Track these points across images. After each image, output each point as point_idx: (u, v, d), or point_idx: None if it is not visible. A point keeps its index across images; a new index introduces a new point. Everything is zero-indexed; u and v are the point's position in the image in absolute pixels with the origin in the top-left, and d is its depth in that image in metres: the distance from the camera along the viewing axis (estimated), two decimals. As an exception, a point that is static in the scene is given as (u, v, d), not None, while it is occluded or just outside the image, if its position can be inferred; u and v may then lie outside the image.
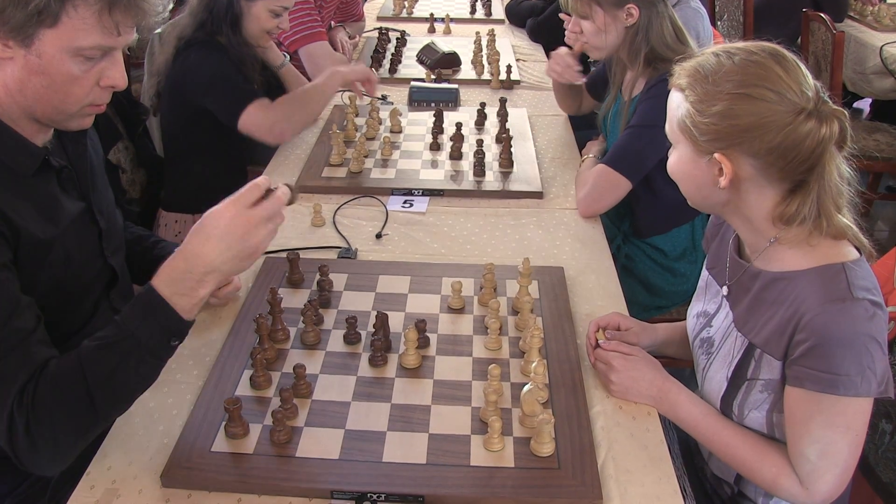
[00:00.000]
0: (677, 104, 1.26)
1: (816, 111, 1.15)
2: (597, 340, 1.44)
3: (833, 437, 1.18)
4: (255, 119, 2.16)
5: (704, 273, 1.50)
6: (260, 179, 1.22)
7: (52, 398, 1.14)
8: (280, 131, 2.17)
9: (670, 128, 1.29)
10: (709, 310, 1.45)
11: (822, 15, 3.61)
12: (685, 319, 2.31)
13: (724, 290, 1.38)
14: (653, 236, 2.23)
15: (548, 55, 3.39)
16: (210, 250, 1.16)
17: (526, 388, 1.31)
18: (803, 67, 1.19)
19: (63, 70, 1.21)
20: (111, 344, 1.15)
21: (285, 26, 2.33)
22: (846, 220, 1.23)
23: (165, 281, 1.17)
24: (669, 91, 1.30)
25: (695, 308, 1.51)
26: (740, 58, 1.19)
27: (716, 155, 1.20)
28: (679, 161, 1.29)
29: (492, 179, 2.18)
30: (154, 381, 1.21)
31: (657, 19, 2.00)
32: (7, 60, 1.21)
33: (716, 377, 1.36)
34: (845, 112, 1.18)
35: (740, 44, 1.23)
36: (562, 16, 2.31)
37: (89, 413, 1.15)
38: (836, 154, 1.19)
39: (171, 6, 2.53)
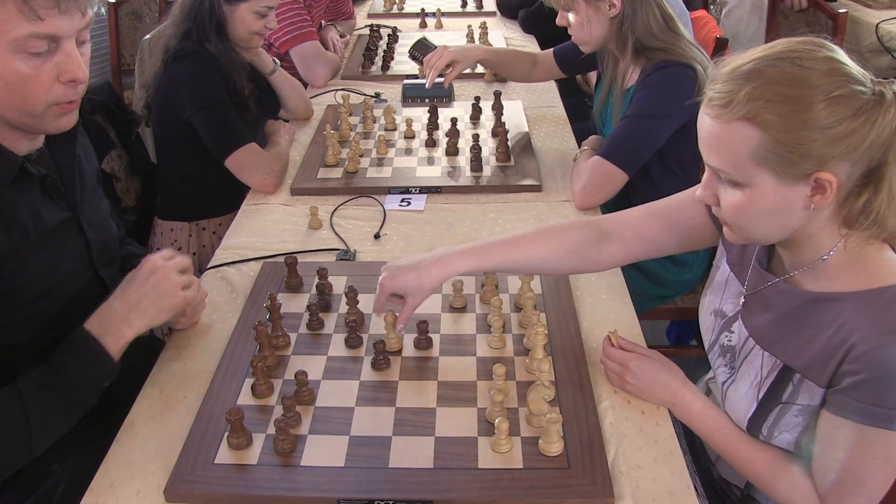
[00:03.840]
0: (741, 137, 1.06)
1: (883, 91, 1.05)
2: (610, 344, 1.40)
3: (869, 466, 1.12)
4: (243, 164, 2.13)
5: (725, 268, 1.38)
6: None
7: None
8: (265, 184, 2.13)
9: (733, 167, 1.10)
10: (726, 310, 1.35)
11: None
12: (689, 307, 2.31)
13: (742, 299, 1.30)
14: (653, 228, 2.21)
15: (541, 46, 3.38)
16: (132, 290, 1.34)
17: (532, 386, 1.29)
18: None
19: (11, 70, 1.18)
20: (50, 385, 1.23)
21: (273, 26, 2.29)
22: None
23: (97, 321, 1.30)
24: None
25: (711, 303, 1.41)
26: (803, 61, 1.05)
27: (816, 174, 1.05)
28: (753, 200, 1.10)
29: (489, 174, 2.16)
30: (82, 413, 1.29)
31: (642, 7, 1.97)
32: None
33: (741, 396, 1.27)
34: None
35: (776, 47, 1.09)
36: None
37: (24, 449, 1.22)
38: None
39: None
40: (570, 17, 2.06)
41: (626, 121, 1.98)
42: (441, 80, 2.74)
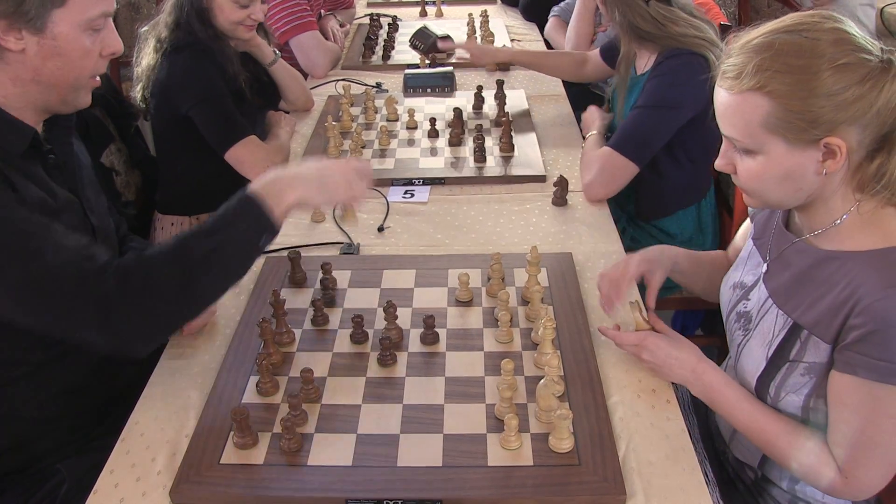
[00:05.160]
0: (752, 106, 1.12)
1: (891, 59, 1.09)
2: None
3: (884, 426, 1.12)
4: (243, 158, 2.11)
5: (749, 243, 1.41)
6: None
7: (148, 279, 1.19)
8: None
9: (746, 135, 1.15)
10: (746, 281, 1.37)
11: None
12: (696, 298, 2.29)
13: (764, 267, 1.32)
14: (657, 220, 2.19)
15: (542, 33, 3.35)
16: (303, 167, 1.35)
17: (541, 382, 1.27)
18: None
19: (78, 46, 1.27)
20: (211, 231, 1.24)
21: (257, 17, 2.24)
22: None
23: (259, 183, 1.29)
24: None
25: (731, 278, 1.44)
26: (810, 33, 1.10)
27: (826, 140, 1.09)
28: (767, 166, 1.15)
29: (493, 165, 2.14)
30: (241, 278, 1.30)
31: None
32: (16, 54, 1.23)
33: (753, 355, 1.30)
34: None
35: (785, 21, 1.14)
36: None
37: (185, 293, 1.22)
38: None
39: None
40: None
41: (636, 111, 1.96)
42: (448, 69, 2.73)
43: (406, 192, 2.03)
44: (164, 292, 1.20)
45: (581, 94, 2.91)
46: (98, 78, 1.36)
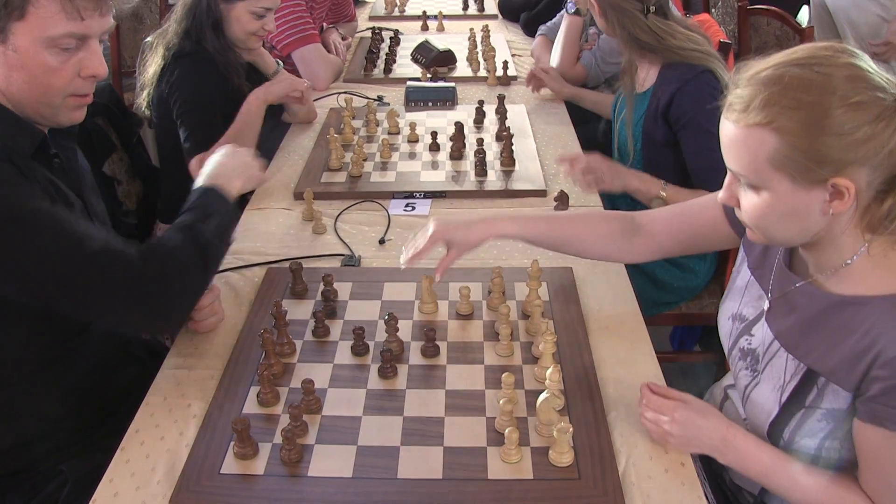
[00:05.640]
0: (758, 142, 1.06)
1: None
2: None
3: None
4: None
5: (746, 273, 1.36)
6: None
7: (176, 261, 1.32)
8: None
9: (752, 170, 1.09)
10: (746, 314, 1.33)
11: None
12: (694, 314, 2.30)
13: (766, 304, 1.28)
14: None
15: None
16: (222, 164, 1.54)
17: (541, 396, 1.28)
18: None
19: (40, 62, 1.25)
20: (205, 216, 1.40)
21: (270, 27, 2.27)
22: None
23: (208, 178, 1.48)
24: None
25: (729, 308, 1.39)
26: (822, 67, 1.04)
27: (833, 180, 1.04)
28: (771, 203, 1.10)
29: (494, 179, 2.15)
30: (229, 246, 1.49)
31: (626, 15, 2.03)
32: None
33: (764, 399, 1.25)
34: None
35: (797, 52, 1.09)
36: None
37: (205, 268, 1.38)
38: None
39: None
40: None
41: (699, 156, 1.99)
42: (450, 85, 2.74)
43: (407, 205, 2.04)
44: (189, 269, 1.34)
45: (581, 108, 2.93)
46: (91, 95, 1.35)
